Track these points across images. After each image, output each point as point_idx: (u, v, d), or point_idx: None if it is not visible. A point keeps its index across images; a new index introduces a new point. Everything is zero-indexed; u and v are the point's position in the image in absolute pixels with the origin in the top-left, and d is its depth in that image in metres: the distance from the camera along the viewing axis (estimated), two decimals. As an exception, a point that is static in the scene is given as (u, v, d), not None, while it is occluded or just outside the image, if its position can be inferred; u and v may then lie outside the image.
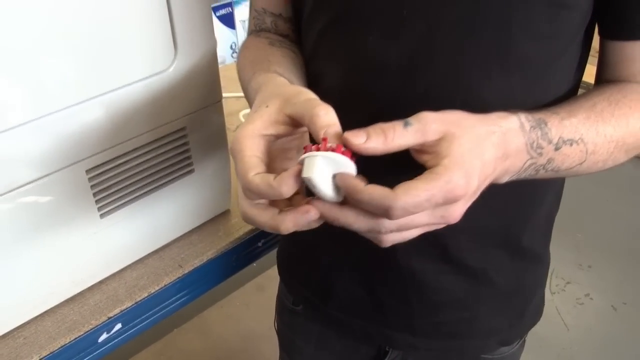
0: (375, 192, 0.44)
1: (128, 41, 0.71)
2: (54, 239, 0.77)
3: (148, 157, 0.82)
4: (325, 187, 0.47)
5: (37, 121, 0.67)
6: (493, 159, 0.50)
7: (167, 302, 0.89)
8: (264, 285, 2.34)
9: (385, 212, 0.44)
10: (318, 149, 0.46)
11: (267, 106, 0.52)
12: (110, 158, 0.78)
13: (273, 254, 1.02)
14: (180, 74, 0.78)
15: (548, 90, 0.64)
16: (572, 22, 0.61)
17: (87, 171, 0.76)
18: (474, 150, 0.48)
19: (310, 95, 0.52)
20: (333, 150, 0.46)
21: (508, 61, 0.59)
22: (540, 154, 0.55)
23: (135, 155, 0.80)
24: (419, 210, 0.44)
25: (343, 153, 0.46)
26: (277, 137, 0.52)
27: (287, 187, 0.46)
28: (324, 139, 0.46)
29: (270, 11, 0.78)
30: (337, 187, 0.47)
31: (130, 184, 0.82)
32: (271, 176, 0.47)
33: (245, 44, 0.78)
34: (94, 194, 0.78)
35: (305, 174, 0.46)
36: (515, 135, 0.53)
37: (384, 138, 0.46)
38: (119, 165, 0.79)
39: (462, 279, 0.75)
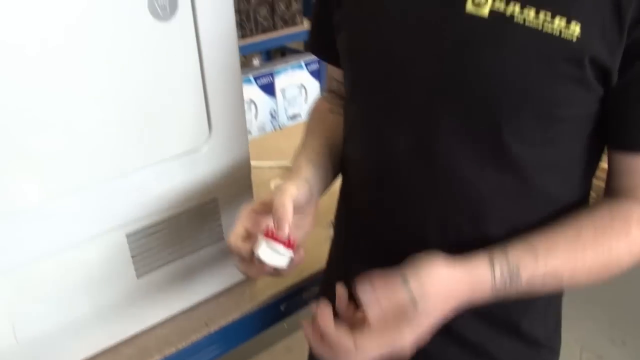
0: (341, 341, 0.59)
1: (168, 122, 0.82)
2: (94, 294, 0.86)
3: (182, 224, 0.91)
4: (267, 260, 0.67)
5: (87, 187, 0.77)
6: (453, 309, 0.62)
7: (194, 358, 0.96)
8: (292, 347, 2.38)
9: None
10: (272, 234, 0.66)
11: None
12: (149, 224, 0.87)
13: (301, 316, 1.08)
14: (213, 152, 0.88)
15: (547, 191, 0.67)
16: (569, 132, 0.64)
17: (128, 235, 0.85)
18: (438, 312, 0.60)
19: (287, 191, 0.68)
20: (275, 238, 0.66)
21: (501, 162, 0.64)
22: (508, 294, 0.63)
23: (171, 222, 0.89)
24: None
25: (283, 242, 0.66)
26: (260, 215, 0.71)
27: (245, 253, 0.68)
28: (272, 229, 0.66)
29: (335, 78, 0.91)
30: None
31: (166, 248, 0.91)
32: (240, 242, 0.68)
33: (316, 102, 0.94)
34: (132, 256, 0.87)
35: (254, 250, 0.67)
36: (483, 288, 0.62)
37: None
38: (156, 231, 0.88)
39: (466, 352, 0.79)
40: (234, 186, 0.95)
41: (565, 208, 0.69)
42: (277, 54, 2.76)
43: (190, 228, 0.92)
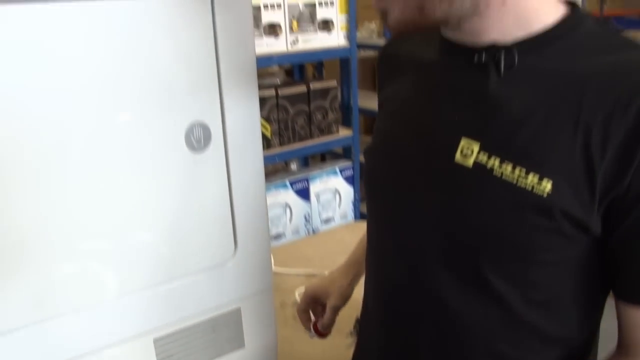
0: None
1: (197, 239, 0.91)
2: (121, 397, 0.92)
3: (206, 331, 0.98)
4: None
5: (121, 295, 0.86)
6: None
7: None
8: None
9: None
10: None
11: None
12: (175, 330, 0.95)
13: None
14: (238, 266, 0.96)
15: (537, 326, 0.70)
16: (554, 275, 0.67)
17: (155, 340, 0.93)
18: None
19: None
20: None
21: (485, 296, 0.69)
22: None
23: (196, 329, 0.97)
24: None
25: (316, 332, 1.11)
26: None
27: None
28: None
29: None
30: None
31: (190, 353, 0.98)
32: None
33: None
34: (158, 360, 0.94)
35: None
36: None
37: None
38: (182, 337, 0.96)
39: None
40: (256, 297, 1.02)
41: (564, 344, 0.71)
42: (316, 158, 2.90)
43: (214, 335, 0.99)
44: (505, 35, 0.66)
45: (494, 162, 0.64)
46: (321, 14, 2.10)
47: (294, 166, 2.38)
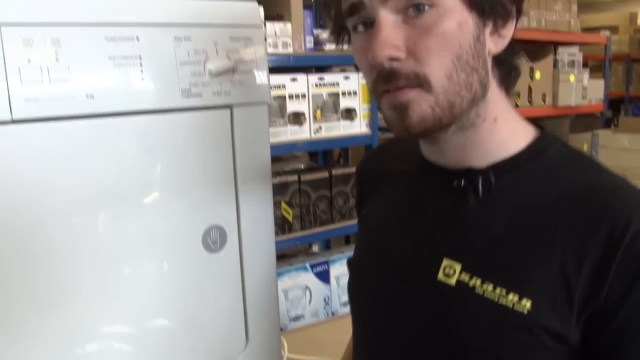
0: None
1: (209, 333, 0.96)
2: None
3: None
4: None
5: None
6: None
7: None
8: None
9: None
10: None
11: None
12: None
13: None
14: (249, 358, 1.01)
15: None
16: None
17: None
18: None
19: None
20: None
21: None
22: None
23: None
24: None
25: None
26: None
27: None
28: None
29: None
30: None
31: None
32: None
33: None
34: None
35: None
36: None
37: None
38: None
39: None
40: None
41: None
42: (339, 240, 2.94)
43: None
44: (486, 157, 0.71)
45: (476, 282, 0.68)
46: (344, 103, 2.20)
47: (315, 248, 2.43)
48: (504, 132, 0.71)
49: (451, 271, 0.70)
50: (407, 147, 0.82)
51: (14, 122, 0.75)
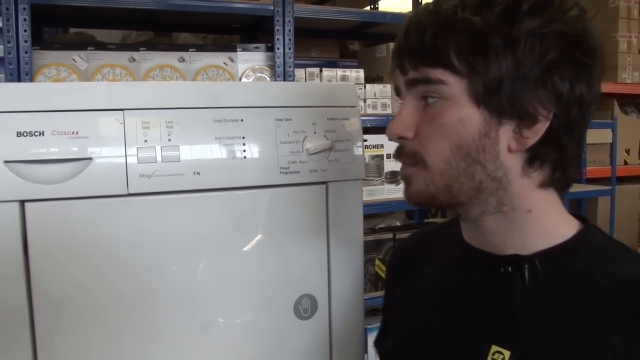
0: None
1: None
2: None
3: None
4: None
5: None
6: None
7: None
8: None
9: None
10: None
11: None
12: None
13: None
14: None
15: None
16: None
17: None
18: None
19: None
20: None
21: None
22: None
23: None
24: None
25: None
26: None
27: None
28: None
29: None
30: None
31: None
32: None
33: None
34: None
35: None
36: None
37: None
38: None
39: None
40: None
41: None
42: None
43: None
44: (528, 244, 0.71)
45: None
46: (442, 162, 2.20)
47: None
48: (543, 223, 0.72)
49: (500, 357, 0.69)
50: (447, 234, 0.84)
51: (129, 195, 0.83)
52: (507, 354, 0.69)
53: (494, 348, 0.70)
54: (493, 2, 0.65)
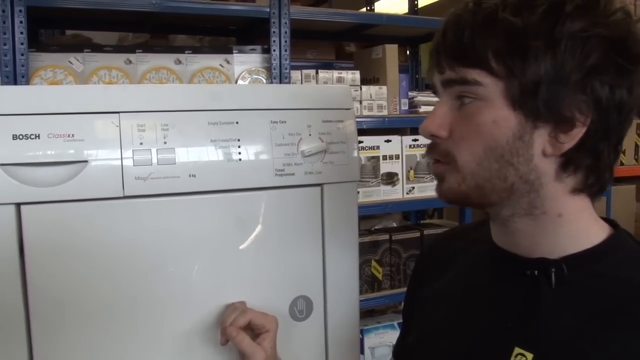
0: None
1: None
2: None
3: None
4: None
5: None
6: None
7: None
8: None
9: None
10: None
11: None
12: None
13: None
14: None
15: None
16: None
17: None
18: None
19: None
20: None
21: None
22: None
23: None
24: None
25: None
26: None
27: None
28: None
29: None
30: None
31: None
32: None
33: None
34: None
35: None
36: None
37: None
38: None
39: None
40: None
41: None
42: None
43: None
44: (556, 248, 0.71)
45: None
46: (438, 163, 2.21)
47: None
48: (573, 228, 0.71)
49: (523, 359, 0.69)
50: (476, 235, 0.84)
51: (125, 197, 0.83)
52: (529, 356, 0.69)
53: (517, 350, 0.70)
54: (535, 2, 0.64)
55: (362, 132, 1.95)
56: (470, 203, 0.72)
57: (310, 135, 0.91)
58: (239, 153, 0.87)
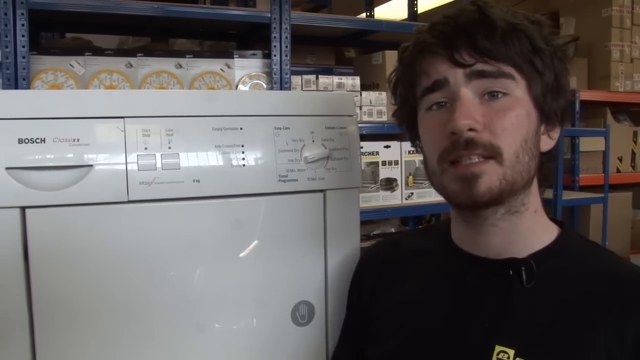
0: None
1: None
2: None
3: None
4: None
5: None
6: None
7: None
8: None
9: None
10: None
11: None
12: None
13: None
14: None
15: None
16: None
17: None
18: None
19: None
20: None
21: None
22: None
23: None
24: None
25: None
26: None
27: None
28: None
29: None
30: None
31: None
32: None
33: None
34: None
35: None
36: None
37: None
38: None
39: None
40: None
41: None
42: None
43: None
44: (526, 246, 0.75)
45: None
46: (437, 169, 2.21)
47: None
48: (541, 225, 0.77)
49: (505, 356, 0.71)
50: (424, 243, 0.87)
51: (129, 202, 0.83)
52: (511, 352, 0.71)
53: (498, 348, 0.72)
54: (524, 17, 0.73)
55: (361, 137, 1.95)
56: (499, 202, 0.72)
57: (313, 141, 0.92)
58: (243, 159, 0.88)
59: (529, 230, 0.76)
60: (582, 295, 0.72)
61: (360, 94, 2.11)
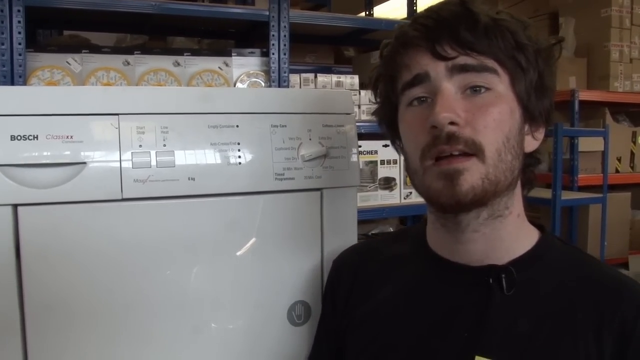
0: None
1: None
2: None
3: None
4: None
5: None
6: None
7: None
8: None
9: None
10: None
11: None
12: None
13: None
14: None
15: None
16: None
17: None
18: None
19: None
20: None
21: None
22: None
23: None
24: None
25: None
26: None
27: None
28: None
29: None
30: None
31: None
32: None
33: None
34: None
35: None
36: None
37: None
38: None
39: None
40: None
41: None
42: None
43: None
44: (507, 252, 0.73)
45: None
46: (436, 169, 2.20)
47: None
48: (523, 230, 0.75)
49: None
50: (400, 247, 0.84)
51: (123, 200, 0.82)
52: None
53: (478, 358, 0.70)
54: (507, 14, 0.71)
55: (360, 136, 1.94)
56: (482, 203, 0.70)
57: (310, 139, 0.91)
58: (239, 157, 0.87)
59: (511, 236, 0.73)
60: (562, 303, 0.71)
61: (359, 93, 2.10)
